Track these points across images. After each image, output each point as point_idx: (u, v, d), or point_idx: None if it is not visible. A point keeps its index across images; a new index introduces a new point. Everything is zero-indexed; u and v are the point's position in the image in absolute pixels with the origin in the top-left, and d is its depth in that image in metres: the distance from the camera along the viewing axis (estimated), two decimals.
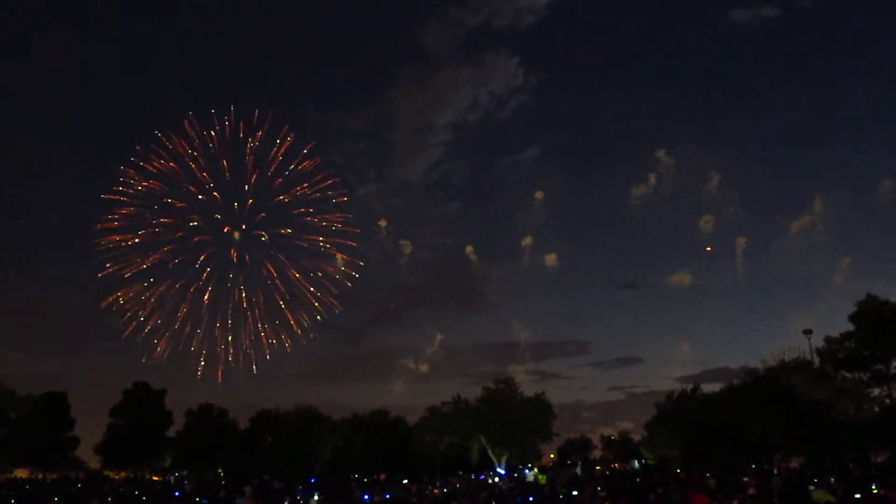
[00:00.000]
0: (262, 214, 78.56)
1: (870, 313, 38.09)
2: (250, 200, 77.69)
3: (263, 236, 77.92)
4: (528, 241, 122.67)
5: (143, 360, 74.90)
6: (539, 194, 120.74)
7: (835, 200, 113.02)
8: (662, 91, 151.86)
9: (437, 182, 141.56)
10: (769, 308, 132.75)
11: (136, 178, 73.89)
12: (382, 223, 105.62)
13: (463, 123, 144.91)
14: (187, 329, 76.70)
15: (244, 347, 76.32)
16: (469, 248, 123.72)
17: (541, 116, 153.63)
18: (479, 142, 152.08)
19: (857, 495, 21.28)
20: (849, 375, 39.98)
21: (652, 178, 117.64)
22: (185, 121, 76.04)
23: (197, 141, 75.32)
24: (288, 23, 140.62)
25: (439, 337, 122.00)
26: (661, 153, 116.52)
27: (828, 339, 40.27)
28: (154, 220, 75.05)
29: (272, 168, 77.88)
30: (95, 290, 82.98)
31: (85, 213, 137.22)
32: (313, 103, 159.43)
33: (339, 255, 79.83)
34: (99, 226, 73.46)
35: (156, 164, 74.27)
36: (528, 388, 68.85)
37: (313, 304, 76.45)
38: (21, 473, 68.09)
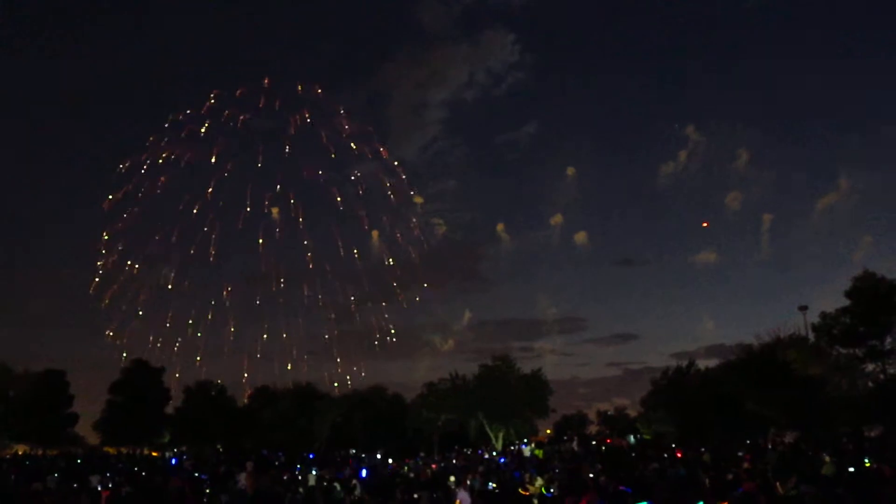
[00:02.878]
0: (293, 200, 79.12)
1: (866, 289, 38.12)
2: (292, 196, 78.02)
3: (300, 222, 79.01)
4: (557, 219, 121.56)
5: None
6: (571, 171, 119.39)
7: (860, 178, 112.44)
8: (667, 68, 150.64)
9: (434, 160, 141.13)
10: (790, 285, 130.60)
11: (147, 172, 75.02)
12: (419, 200, 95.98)
13: (459, 101, 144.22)
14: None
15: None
16: (500, 227, 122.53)
17: (538, 93, 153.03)
18: (476, 119, 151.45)
19: (851, 468, 21.53)
20: (844, 351, 40.14)
21: (682, 156, 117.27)
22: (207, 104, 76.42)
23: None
24: None
25: (468, 315, 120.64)
26: (689, 129, 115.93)
27: (823, 315, 40.34)
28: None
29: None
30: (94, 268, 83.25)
31: (88, 189, 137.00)
32: (306, 80, 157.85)
33: (375, 234, 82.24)
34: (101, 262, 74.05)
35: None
36: (548, 366, 70.49)
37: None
38: (21, 449, 68.59)
